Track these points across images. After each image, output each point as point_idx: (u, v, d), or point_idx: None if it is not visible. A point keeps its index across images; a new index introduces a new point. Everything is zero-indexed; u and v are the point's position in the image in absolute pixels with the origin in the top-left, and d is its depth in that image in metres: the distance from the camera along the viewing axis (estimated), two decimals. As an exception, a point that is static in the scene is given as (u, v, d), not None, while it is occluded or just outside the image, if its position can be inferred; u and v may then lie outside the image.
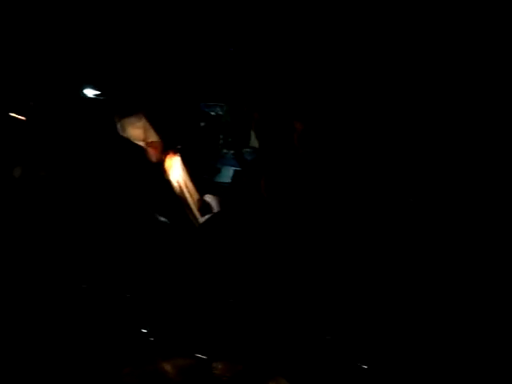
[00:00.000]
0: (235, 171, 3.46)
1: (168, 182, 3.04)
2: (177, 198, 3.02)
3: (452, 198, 2.74)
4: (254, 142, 3.53)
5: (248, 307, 2.63)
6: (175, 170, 3.07)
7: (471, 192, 2.70)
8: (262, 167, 3.24)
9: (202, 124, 3.67)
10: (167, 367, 2.48)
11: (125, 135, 3.12)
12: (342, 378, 2.51)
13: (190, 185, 3.10)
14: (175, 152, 3.10)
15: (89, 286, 2.71)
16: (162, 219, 2.94)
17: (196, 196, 3.10)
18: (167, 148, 3.11)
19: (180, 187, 3.05)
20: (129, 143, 3.10)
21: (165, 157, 3.08)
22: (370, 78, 2.94)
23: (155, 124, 3.18)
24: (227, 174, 3.59)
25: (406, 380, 2.47)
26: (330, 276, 2.74)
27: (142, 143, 3.11)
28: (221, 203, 3.12)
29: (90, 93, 3.25)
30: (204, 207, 3.08)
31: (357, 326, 2.60)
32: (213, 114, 3.74)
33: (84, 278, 2.73)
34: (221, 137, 3.75)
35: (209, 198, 3.12)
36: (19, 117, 3.07)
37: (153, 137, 3.11)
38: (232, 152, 3.70)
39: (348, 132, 3.00)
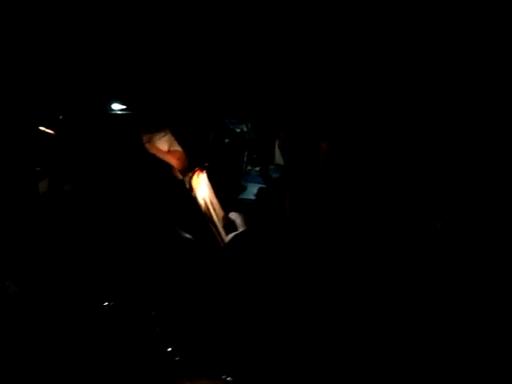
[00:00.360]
0: (260, 188, 3.47)
1: (194, 200, 3.03)
2: (202, 215, 3.02)
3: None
4: (279, 160, 3.54)
5: (274, 329, 2.60)
6: (202, 187, 3.07)
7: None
8: (287, 185, 3.23)
9: (227, 140, 3.69)
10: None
11: (151, 151, 3.13)
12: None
13: (215, 202, 3.10)
14: (202, 169, 3.10)
15: (113, 304, 2.70)
16: (188, 236, 2.94)
17: (221, 213, 3.09)
18: (194, 165, 3.11)
19: (206, 204, 3.04)
20: (155, 159, 3.11)
21: (192, 174, 3.08)
22: (392, 98, 2.94)
23: (181, 140, 3.19)
24: (252, 191, 3.60)
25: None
26: (350, 298, 2.72)
27: (168, 160, 3.11)
28: (246, 221, 3.10)
29: (117, 107, 3.27)
30: (229, 225, 3.06)
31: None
32: (238, 130, 3.76)
33: (108, 296, 2.72)
34: (245, 154, 3.77)
35: (234, 215, 3.11)
36: (48, 130, 3.09)
37: (179, 153, 3.11)
38: (257, 169, 3.71)
39: (374, 152, 2.99)
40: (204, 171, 3.12)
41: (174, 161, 3.11)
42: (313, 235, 2.96)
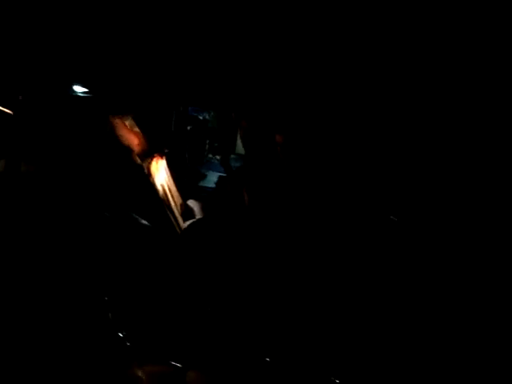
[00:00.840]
0: (220, 177, 3.48)
1: (152, 185, 3.04)
2: (160, 201, 3.03)
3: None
4: (240, 149, 3.55)
5: (226, 317, 2.63)
6: (160, 173, 3.08)
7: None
8: (246, 174, 3.26)
9: (189, 128, 3.68)
10: (140, 373, 2.49)
11: (113, 135, 3.11)
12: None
13: (173, 189, 3.12)
14: (162, 155, 3.10)
15: (67, 286, 2.69)
16: (144, 222, 2.94)
17: (179, 201, 3.11)
18: (154, 151, 3.11)
19: (164, 191, 3.05)
20: (116, 143, 3.09)
21: (151, 160, 3.08)
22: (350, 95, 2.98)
23: (143, 126, 3.19)
24: (212, 180, 3.61)
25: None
26: (308, 284, 2.76)
27: (128, 144, 3.10)
28: (204, 209, 3.13)
29: (79, 90, 3.24)
30: (187, 212, 3.09)
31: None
32: (200, 118, 3.76)
33: (62, 278, 2.71)
34: (207, 142, 3.77)
35: (192, 203, 3.14)
36: (6, 110, 3.04)
37: (140, 138, 3.11)
38: (218, 158, 3.72)
39: (329, 144, 3.03)
40: (164, 157, 3.13)
41: (134, 145, 3.10)
42: (269, 225, 3.00)
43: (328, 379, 2.48)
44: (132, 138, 3.10)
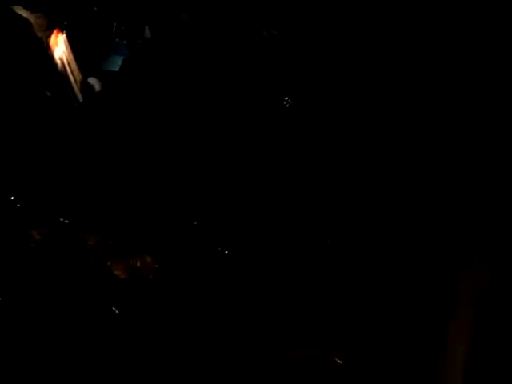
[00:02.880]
0: (124, 59, 3.47)
1: (51, 59, 3.02)
2: (58, 74, 3.02)
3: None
4: (148, 34, 3.54)
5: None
6: (59, 47, 3.05)
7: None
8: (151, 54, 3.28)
9: (96, 9, 3.61)
10: (34, 234, 2.58)
11: (10, 6, 3.03)
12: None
13: (73, 65, 3.11)
14: (61, 29, 3.06)
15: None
16: (48, 93, 2.94)
17: (79, 77, 3.12)
18: (53, 24, 3.07)
19: (63, 65, 3.04)
20: (14, 14, 3.02)
21: (50, 33, 3.05)
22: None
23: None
24: (117, 63, 3.59)
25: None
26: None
27: (27, 15, 3.04)
28: (104, 87, 3.15)
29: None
30: (86, 88, 3.10)
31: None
32: (108, -1, 3.68)
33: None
34: (114, 24, 3.72)
35: (92, 80, 3.15)
36: None
37: (39, 10, 3.05)
38: (124, 41, 3.68)
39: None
40: (63, 32, 3.09)
41: (33, 18, 3.04)
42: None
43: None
44: (30, 9, 3.03)
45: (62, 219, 2.59)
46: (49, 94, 2.93)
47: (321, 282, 2.63)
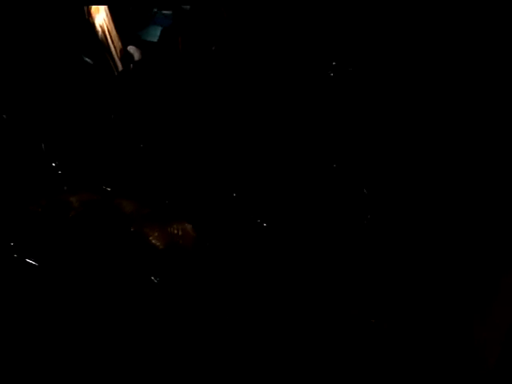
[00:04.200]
0: (163, 29, 3.44)
1: (91, 25, 3.00)
2: (99, 42, 3.01)
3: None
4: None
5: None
6: (100, 15, 3.03)
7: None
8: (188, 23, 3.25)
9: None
10: (72, 200, 2.57)
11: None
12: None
13: (114, 33, 3.09)
14: (102, -3, 3.05)
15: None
16: (87, 60, 2.93)
17: (119, 45, 3.10)
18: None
19: (103, 32, 3.03)
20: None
21: (91, 0, 3.03)
22: None
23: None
24: (155, 34, 3.57)
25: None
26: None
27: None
28: (144, 56, 3.13)
29: None
30: (126, 57, 3.08)
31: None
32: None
33: None
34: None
35: (132, 49, 3.13)
36: None
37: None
38: (164, 12, 3.66)
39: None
40: (105, 0, 3.07)
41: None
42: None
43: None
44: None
45: (103, 186, 2.58)
46: (90, 61, 2.92)
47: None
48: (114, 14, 3.17)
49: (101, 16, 3.04)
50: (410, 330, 2.34)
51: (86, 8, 3.01)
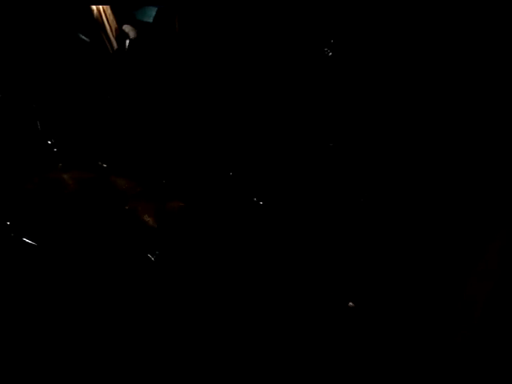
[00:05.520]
0: (159, 9, 3.42)
1: (86, 3, 2.99)
2: (94, 21, 2.99)
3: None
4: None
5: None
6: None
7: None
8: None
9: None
10: (66, 177, 2.58)
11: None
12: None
13: (109, 12, 3.07)
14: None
15: None
16: (83, 37, 2.92)
17: (114, 24, 3.08)
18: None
19: (98, 11, 3.01)
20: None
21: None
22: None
23: None
24: (149, 13, 3.55)
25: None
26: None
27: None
28: (138, 34, 3.12)
29: None
30: (121, 36, 3.07)
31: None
32: None
33: None
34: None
35: (127, 28, 3.11)
36: None
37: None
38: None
39: None
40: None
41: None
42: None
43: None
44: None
45: (99, 163, 2.58)
46: (86, 38, 2.91)
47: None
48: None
49: (95, -5, 3.02)
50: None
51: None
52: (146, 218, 2.54)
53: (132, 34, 3.08)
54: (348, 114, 2.85)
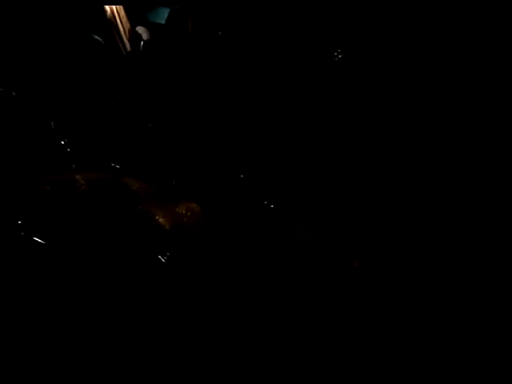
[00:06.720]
0: (171, 10, 3.43)
1: (100, 4, 2.99)
2: (107, 22, 3.00)
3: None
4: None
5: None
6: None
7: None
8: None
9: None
10: (79, 178, 2.58)
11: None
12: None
13: (122, 13, 3.08)
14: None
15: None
16: (97, 38, 2.92)
17: (127, 25, 3.09)
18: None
19: (112, 12, 3.01)
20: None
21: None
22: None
23: None
24: (162, 15, 3.55)
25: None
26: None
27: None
28: (152, 36, 3.12)
29: None
30: (135, 37, 3.08)
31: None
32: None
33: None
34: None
35: (140, 29, 3.12)
36: None
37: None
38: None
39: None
40: (113, -22, 3.06)
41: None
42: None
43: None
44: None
45: (112, 164, 2.58)
46: (100, 39, 2.91)
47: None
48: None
49: (109, -5, 3.03)
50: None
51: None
52: (159, 219, 2.53)
53: (145, 35, 3.09)
54: (355, 117, 2.86)
